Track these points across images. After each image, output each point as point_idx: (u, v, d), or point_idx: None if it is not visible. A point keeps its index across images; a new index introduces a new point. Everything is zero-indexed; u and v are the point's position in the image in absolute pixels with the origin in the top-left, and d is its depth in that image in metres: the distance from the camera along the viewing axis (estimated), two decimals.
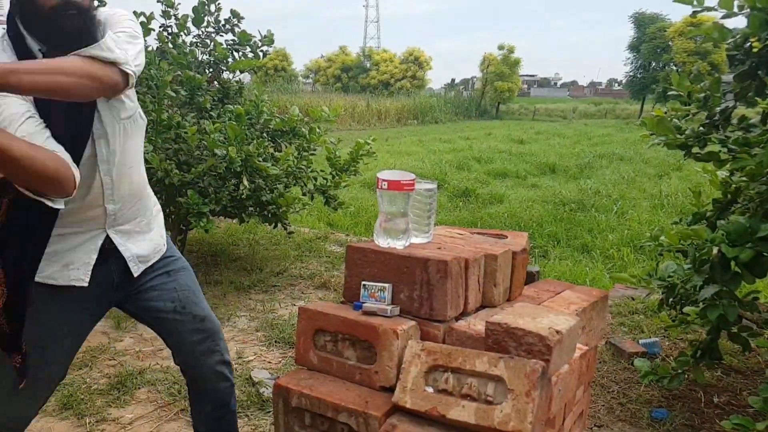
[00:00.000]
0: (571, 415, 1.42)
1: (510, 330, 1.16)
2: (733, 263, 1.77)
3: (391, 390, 1.24)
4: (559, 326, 1.17)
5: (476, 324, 1.33)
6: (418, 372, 1.20)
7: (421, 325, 1.34)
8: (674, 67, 23.30)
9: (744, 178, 2.14)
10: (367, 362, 1.31)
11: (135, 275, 1.47)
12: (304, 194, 3.97)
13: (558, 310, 1.41)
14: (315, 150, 3.96)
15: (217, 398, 1.63)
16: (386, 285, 1.37)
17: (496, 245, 1.55)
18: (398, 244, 1.40)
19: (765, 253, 1.64)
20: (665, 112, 2.36)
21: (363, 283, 1.40)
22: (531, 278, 1.73)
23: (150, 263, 1.51)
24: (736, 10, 1.81)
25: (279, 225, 3.83)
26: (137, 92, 3.46)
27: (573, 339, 1.25)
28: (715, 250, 1.73)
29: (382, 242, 1.41)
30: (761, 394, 1.64)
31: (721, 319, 1.85)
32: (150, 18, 3.75)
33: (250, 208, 3.65)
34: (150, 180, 3.43)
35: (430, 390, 1.18)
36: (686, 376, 2.25)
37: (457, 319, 1.38)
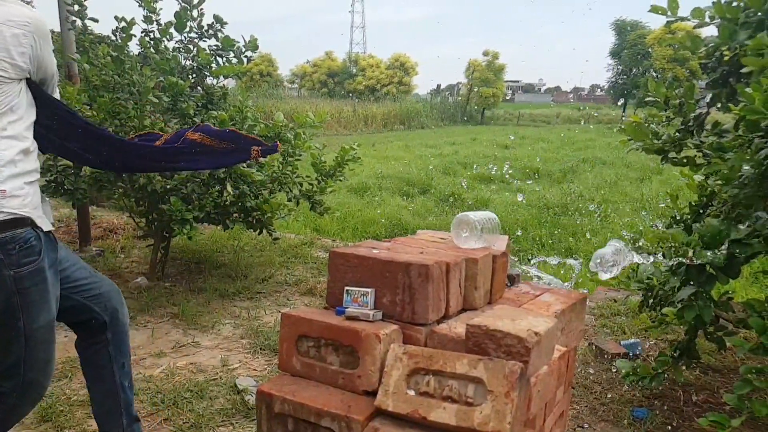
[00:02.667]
0: (551, 416, 1.45)
1: (489, 332, 1.18)
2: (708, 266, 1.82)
3: (373, 394, 1.25)
4: (538, 328, 1.20)
5: (457, 327, 1.34)
6: (400, 375, 1.22)
7: (404, 329, 1.35)
8: (654, 73, 23.74)
9: (719, 182, 2.20)
10: (349, 367, 1.32)
11: None
12: (289, 200, 3.97)
13: (537, 312, 1.43)
14: (300, 155, 3.97)
15: None
16: (369, 290, 1.39)
17: (477, 249, 1.57)
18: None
19: (737, 255, 1.68)
20: (644, 119, 2.41)
21: (346, 288, 1.42)
22: (512, 281, 1.75)
23: None
24: (707, 20, 1.86)
25: (264, 231, 3.82)
26: (119, 99, 3.46)
27: (552, 340, 1.28)
28: (690, 253, 1.77)
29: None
30: (736, 391, 1.68)
31: (697, 320, 1.89)
32: (131, 23, 3.73)
33: (235, 215, 3.64)
34: (132, 186, 3.43)
35: (412, 393, 1.19)
36: (666, 375, 2.29)
37: (438, 322, 1.39)
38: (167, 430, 2.18)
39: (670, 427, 2.24)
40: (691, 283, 1.87)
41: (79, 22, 3.88)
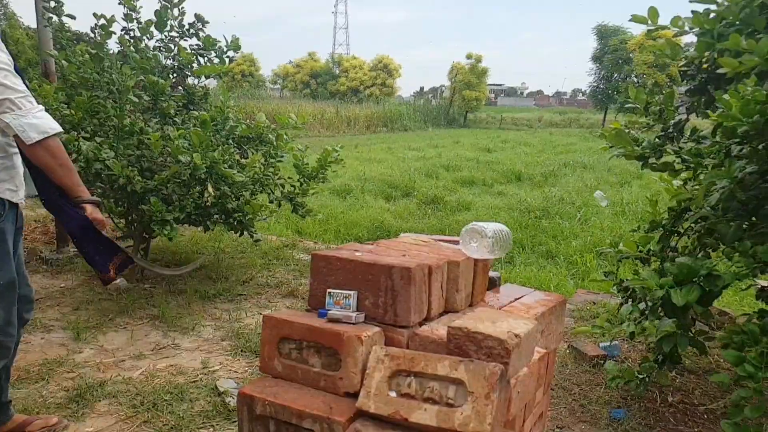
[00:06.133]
0: (531, 417, 1.46)
1: (470, 334, 1.19)
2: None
3: (355, 396, 1.25)
4: (518, 330, 1.21)
5: (439, 329, 1.35)
6: (382, 377, 1.22)
7: (386, 331, 1.35)
8: (635, 79, 24.09)
9: (696, 187, 2.24)
10: (331, 369, 1.32)
11: None
12: (271, 201, 3.95)
13: (517, 314, 1.45)
14: (282, 157, 3.95)
15: None
16: (351, 292, 1.39)
17: (458, 252, 1.58)
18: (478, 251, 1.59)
19: (708, 289, 1.73)
20: (624, 125, 2.45)
21: (328, 290, 1.42)
22: (493, 284, 1.77)
23: None
24: (687, 29, 1.90)
25: (245, 233, 3.79)
26: (97, 97, 3.41)
27: (531, 342, 1.29)
28: (661, 293, 1.80)
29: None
30: (732, 418, 1.68)
31: (672, 350, 1.95)
32: (111, 21, 3.67)
33: (215, 216, 3.60)
34: (111, 186, 3.38)
35: (394, 394, 1.20)
36: (648, 379, 2.33)
37: (420, 324, 1.40)
38: None
39: (646, 428, 2.28)
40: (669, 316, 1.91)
41: (55, 19, 3.80)
